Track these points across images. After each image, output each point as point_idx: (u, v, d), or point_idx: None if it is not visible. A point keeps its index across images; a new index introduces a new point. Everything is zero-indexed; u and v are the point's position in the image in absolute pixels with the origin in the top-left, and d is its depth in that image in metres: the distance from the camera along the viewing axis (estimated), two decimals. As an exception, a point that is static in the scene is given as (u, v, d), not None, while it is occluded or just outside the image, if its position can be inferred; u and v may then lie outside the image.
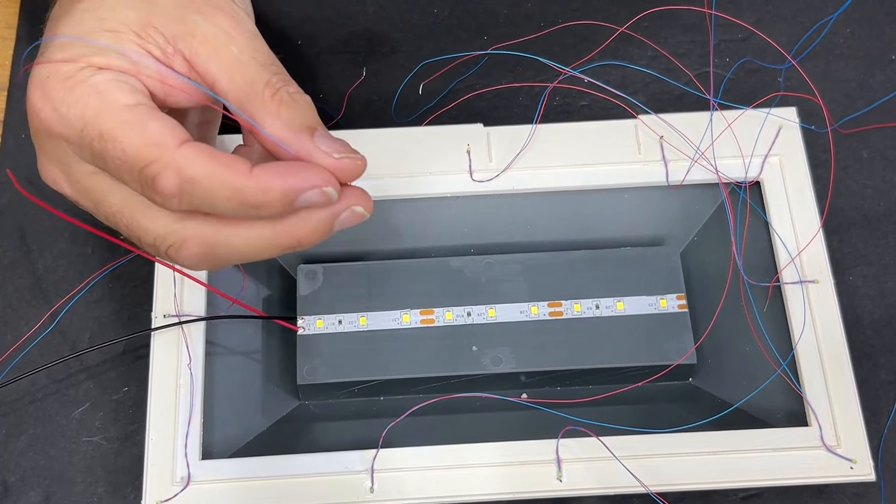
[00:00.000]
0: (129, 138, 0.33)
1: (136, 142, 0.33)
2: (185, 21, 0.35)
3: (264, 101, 0.35)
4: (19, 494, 0.45)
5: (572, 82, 0.50)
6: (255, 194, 0.33)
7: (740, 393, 0.44)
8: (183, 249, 0.34)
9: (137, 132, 0.33)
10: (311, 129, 0.35)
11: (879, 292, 0.49)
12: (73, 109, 0.34)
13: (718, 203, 0.47)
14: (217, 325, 0.44)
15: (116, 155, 0.33)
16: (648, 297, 0.46)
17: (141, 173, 0.33)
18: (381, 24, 0.55)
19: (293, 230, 0.35)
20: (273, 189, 0.33)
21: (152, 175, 0.33)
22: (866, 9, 0.56)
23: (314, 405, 0.46)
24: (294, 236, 0.35)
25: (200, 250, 0.34)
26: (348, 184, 0.36)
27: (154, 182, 0.33)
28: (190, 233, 0.34)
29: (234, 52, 0.35)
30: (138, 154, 0.33)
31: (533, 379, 0.45)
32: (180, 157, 0.33)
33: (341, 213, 0.35)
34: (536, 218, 0.48)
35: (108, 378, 0.47)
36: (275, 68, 0.36)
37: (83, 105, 0.34)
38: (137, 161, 0.33)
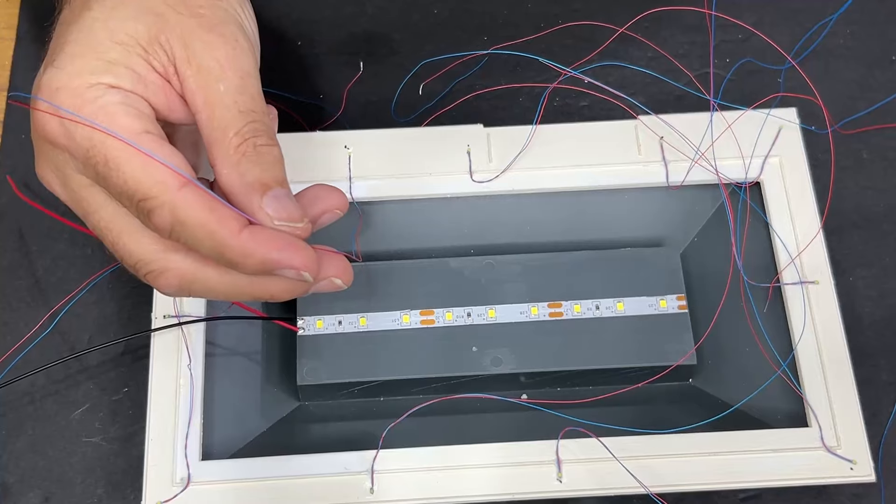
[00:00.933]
0: (133, 171, 0.34)
1: (140, 176, 0.34)
2: (188, 45, 0.36)
3: (228, 148, 0.35)
4: (19, 495, 0.45)
5: (572, 83, 0.50)
6: (236, 255, 0.34)
7: (740, 394, 0.44)
8: (161, 278, 0.36)
9: (142, 166, 0.34)
10: (264, 188, 0.35)
11: (879, 293, 0.49)
12: (82, 129, 0.34)
13: (718, 204, 0.47)
14: (217, 325, 0.44)
15: (118, 182, 0.34)
16: (648, 297, 0.46)
17: (138, 204, 0.34)
18: (380, 24, 0.55)
19: (268, 286, 0.36)
20: (254, 256, 0.34)
21: (148, 208, 0.34)
22: (866, 9, 0.56)
23: (314, 406, 0.46)
24: (267, 291, 0.37)
25: (178, 282, 0.36)
26: (334, 253, 0.38)
27: (149, 214, 0.34)
28: (171, 265, 0.36)
29: (220, 92, 0.36)
30: (139, 188, 0.34)
31: (533, 380, 0.45)
32: (179, 199, 0.34)
33: (319, 283, 0.37)
34: (536, 218, 0.48)
35: (108, 379, 0.47)
36: (254, 115, 0.36)
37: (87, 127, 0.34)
38: (137, 194, 0.34)
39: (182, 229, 0.34)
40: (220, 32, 0.37)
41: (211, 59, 0.36)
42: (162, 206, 0.34)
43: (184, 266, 0.36)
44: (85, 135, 0.34)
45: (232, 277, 0.36)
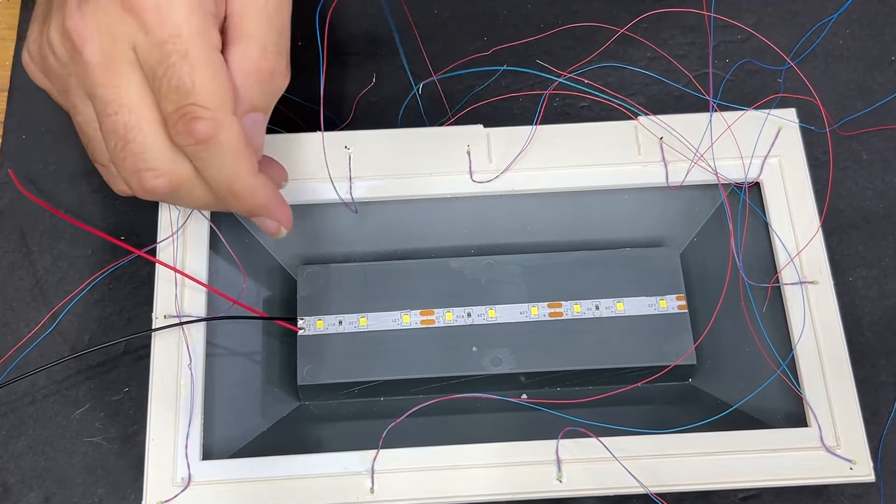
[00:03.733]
0: (204, 77, 0.35)
1: (208, 84, 0.35)
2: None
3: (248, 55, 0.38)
4: (19, 495, 0.45)
5: (572, 84, 0.50)
6: (244, 190, 0.37)
7: (740, 394, 0.44)
8: (158, 179, 0.37)
9: (213, 76, 0.35)
10: (253, 109, 0.38)
11: (879, 293, 0.49)
12: (176, 15, 0.35)
13: (718, 204, 0.47)
14: (217, 325, 0.45)
15: (182, 78, 0.35)
16: (648, 297, 0.46)
17: (186, 107, 0.35)
18: (380, 25, 0.55)
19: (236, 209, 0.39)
20: (257, 198, 0.38)
21: (195, 115, 0.35)
22: (866, 10, 0.56)
23: (314, 406, 0.46)
24: (235, 209, 0.39)
25: (169, 187, 0.37)
26: None
27: (191, 120, 0.35)
28: (175, 169, 0.37)
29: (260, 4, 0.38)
30: (201, 93, 0.35)
31: (533, 379, 0.45)
32: (228, 121, 0.36)
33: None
34: (536, 219, 0.48)
35: (109, 379, 0.47)
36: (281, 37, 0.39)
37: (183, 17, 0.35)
38: (193, 97, 0.35)
39: (213, 147, 0.36)
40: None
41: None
42: (212, 119, 0.35)
43: (182, 174, 0.37)
44: (178, 22, 0.35)
45: (213, 197, 0.38)
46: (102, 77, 0.36)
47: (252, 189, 0.38)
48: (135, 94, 0.36)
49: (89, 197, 0.50)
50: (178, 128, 0.35)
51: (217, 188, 0.37)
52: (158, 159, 0.36)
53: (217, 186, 0.37)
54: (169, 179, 0.37)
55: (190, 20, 0.35)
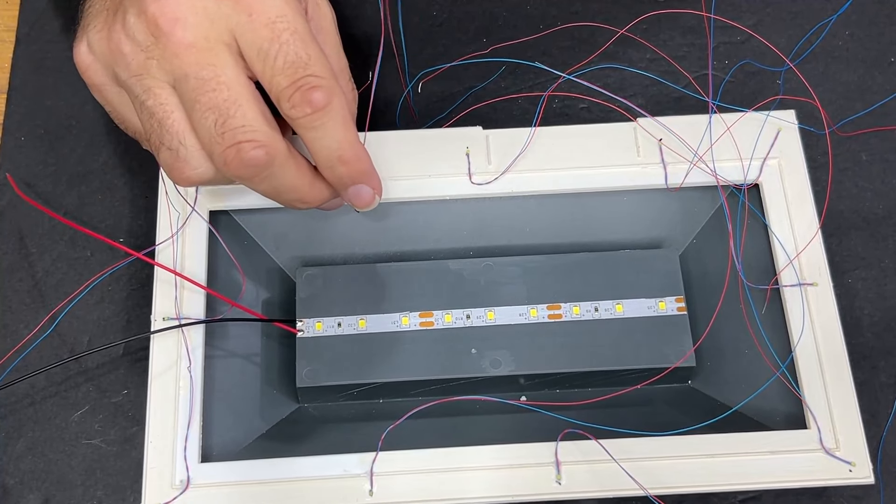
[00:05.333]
0: (316, 50, 0.38)
1: (319, 55, 0.38)
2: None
3: None
4: (18, 497, 0.45)
5: (571, 85, 0.50)
6: (353, 154, 0.39)
7: (739, 395, 0.44)
8: (258, 150, 0.37)
9: (321, 49, 0.38)
10: None
11: (878, 295, 0.49)
12: None
13: (717, 206, 0.47)
14: (216, 327, 0.45)
15: (298, 52, 0.37)
16: (647, 299, 0.46)
17: (303, 78, 0.37)
18: (378, 26, 0.55)
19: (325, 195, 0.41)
20: (363, 162, 0.40)
21: (312, 85, 0.37)
22: (865, 11, 0.56)
23: (313, 408, 0.46)
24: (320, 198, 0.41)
25: (267, 160, 0.38)
26: None
27: (309, 90, 0.37)
28: (273, 142, 0.38)
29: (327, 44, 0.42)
30: (316, 63, 0.37)
31: (532, 381, 0.45)
32: (340, 91, 0.38)
33: None
34: (535, 220, 0.48)
35: (108, 381, 0.47)
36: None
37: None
38: (310, 68, 0.37)
39: (329, 114, 0.37)
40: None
41: (330, 12, 0.43)
42: (328, 87, 0.37)
43: (279, 147, 0.38)
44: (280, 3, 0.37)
45: (302, 180, 0.40)
46: (198, 56, 0.37)
47: (360, 154, 0.40)
48: (231, 72, 0.37)
49: (88, 199, 0.50)
50: (296, 99, 0.37)
51: (326, 156, 0.39)
52: (259, 132, 0.37)
53: (327, 154, 0.39)
54: (267, 151, 0.37)
55: (290, 3, 0.38)
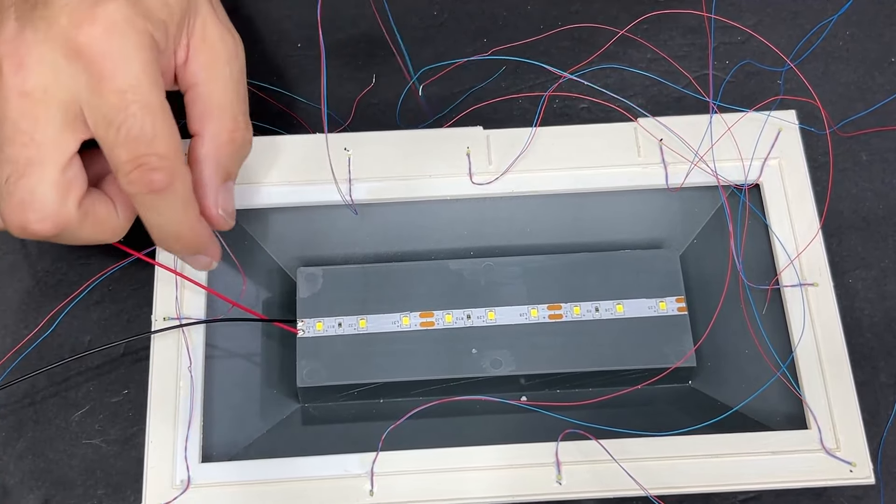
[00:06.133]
0: (165, 127, 0.36)
1: (168, 133, 0.36)
2: (206, 26, 0.40)
3: (222, 126, 0.39)
4: (19, 497, 0.45)
5: (571, 85, 0.50)
6: (190, 233, 0.38)
7: (739, 396, 0.44)
8: (42, 223, 0.36)
9: (171, 127, 0.36)
10: (228, 176, 0.41)
11: (879, 295, 0.49)
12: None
13: (718, 206, 0.47)
14: (217, 327, 0.45)
15: (144, 127, 0.35)
16: (648, 299, 0.46)
17: (144, 157, 0.35)
18: (379, 26, 0.55)
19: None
20: (201, 238, 0.39)
21: (153, 166, 0.35)
22: (866, 11, 0.56)
23: (314, 408, 0.46)
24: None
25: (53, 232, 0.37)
26: None
27: (149, 171, 0.35)
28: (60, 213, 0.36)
29: (226, 74, 0.40)
30: (162, 142, 0.36)
31: (532, 381, 0.45)
32: (185, 172, 0.37)
33: None
34: (536, 221, 0.48)
35: (108, 381, 0.47)
36: (247, 106, 0.41)
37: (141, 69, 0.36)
38: (154, 146, 0.35)
39: (167, 196, 0.36)
40: (228, 27, 0.41)
41: (221, 45, 0.39)
42: (170, 169, 0.36)
43: (67, 219, 0.36)
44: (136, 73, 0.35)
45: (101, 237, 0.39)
46: (25, 106, 0.35)
47: (197, 232, 0.39)
48: (51, 133, 0.35)
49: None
50: (134, 176, 0.35)
51: (161, 234, 0.38)
52: (48, 203, 0.36)
53: (163, 231, 0.38)
54: (54, 223, 0.36)
55: (147, 72, 0.36)
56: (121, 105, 0.35)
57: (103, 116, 0.35)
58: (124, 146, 0.35)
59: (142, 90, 0.35)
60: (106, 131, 0.35)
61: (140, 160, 0.35)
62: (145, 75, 0.36)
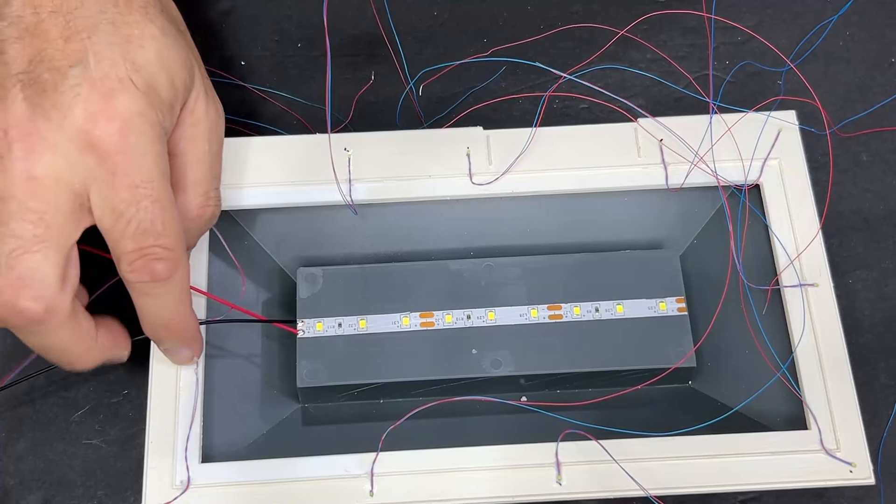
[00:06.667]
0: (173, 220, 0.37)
1: (175, 226, 0.37)
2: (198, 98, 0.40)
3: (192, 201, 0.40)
4: (19, 498, 0.45)
5: (571, 86, 0.50)
6: (181, 324, 0.39)
7: (739, 396, 0.44)
8: (35, 302, 0.35)
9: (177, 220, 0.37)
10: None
11: (879, 296, 0.49)
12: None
13: (718, 206, 0.47)
14: (217, 328, 0.45)
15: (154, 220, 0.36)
16: (648, 300, 0.46)
17: (150, 248, 0.36)
18: (379, 26, 0.55)
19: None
20: (188, 331, 0.40)
21: (158, 256, 0.36)
22: (866, 12, 0.56)
23: (314, 408, 0.46)
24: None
25: (41, 317, 0.36)
26: None
27: (153, 261, 0.36)
28: (54, 300, 0.36)
29: (205, 149, 0.41)
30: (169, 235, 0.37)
31: (532, 382, 0.45)
32: (186, 263, 0.38)
33: None
34: (536, 221, 0.48)
35: (108, 381, 0.47)
36: (217, 183, 0.42)
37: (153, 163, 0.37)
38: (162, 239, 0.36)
39: (167, 286, 0.37)
40: (214, 98, 0.41)
41: (206, 120, 0.40)
42: (174, 260, 0.37)
43: (61, 309, 0.36)
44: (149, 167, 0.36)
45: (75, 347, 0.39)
46: (35, 189, 0.35)
47: (187, 323, 0.40)
48: (61, 218, 0.35)
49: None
50: (138, 265, 0.36)
51: (153, 322, 0.39)
52: (48, 284, 0.35)
53: (154, 321, 0.39)
54: (46, 307, 0.35)
55: (158, 165, 0.36)
56: (132, 199, 0.35)
57: (113, 209, 0.35)
58: (132, 237, 0.36)
59: (154, 185, 0.36)
60: (115, 223, 0.36)
61: (146, 251, 0.36)
62: (157, 169, 0.36)
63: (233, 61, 0.54)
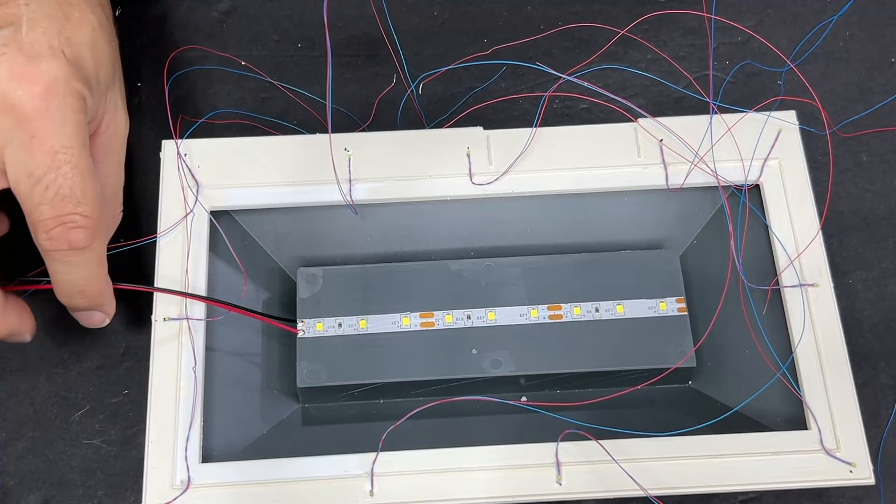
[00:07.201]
0: (93, 189, 0.36)
1: (94, 195, 0.36)
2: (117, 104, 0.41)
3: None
4: (19, 498, 0.45)
5: (572, 86, 0.50)
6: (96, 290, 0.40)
7: (740, 396, 0.44)
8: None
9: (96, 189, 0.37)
10: None
11: (879, 296, 0.49)
12: None
13: (718, 206, 0.47)
14: (217, 328, 0.44)
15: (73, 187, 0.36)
16: (648, 300, 0.46)
17: (68, 215, 0.36)
18: (379, 27, 0.55)
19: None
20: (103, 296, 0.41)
21: (77, 224, 0.36)
22: (866, 12, 0.56)
23: (314, 408, 0.46)
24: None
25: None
26: None
27: (72, 229, 0.36)
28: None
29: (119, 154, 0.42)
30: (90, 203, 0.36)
31: (532, 382, 0.45)
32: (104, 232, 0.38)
33: None
34: (536, 221, 0.48)
35: (108, 381, 0.47)
36: None
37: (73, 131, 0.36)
38: (81, 206, 0.36)
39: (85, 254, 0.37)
40: (126, 112, 0.42)
41: (123, 128, 0.41)
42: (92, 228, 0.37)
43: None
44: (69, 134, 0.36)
45: None
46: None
47: (102, 288, 0.40)
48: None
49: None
50: (55, 233, 0.36)
51: (67, 288, 0.39)
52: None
53: (68, 287, 0.38)
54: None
55: (79, 134, 0.36)
56: (51, 165, 0.35)
57: (30, 174, 0.35)
58: (51, 204, 0.35)
59: (73, 151, 0.35)
60: (32, 189, 0.35)
61: (64, 219, 0.36)
62: (77, 137, 0.36)
63: (233, 61, 0.54)
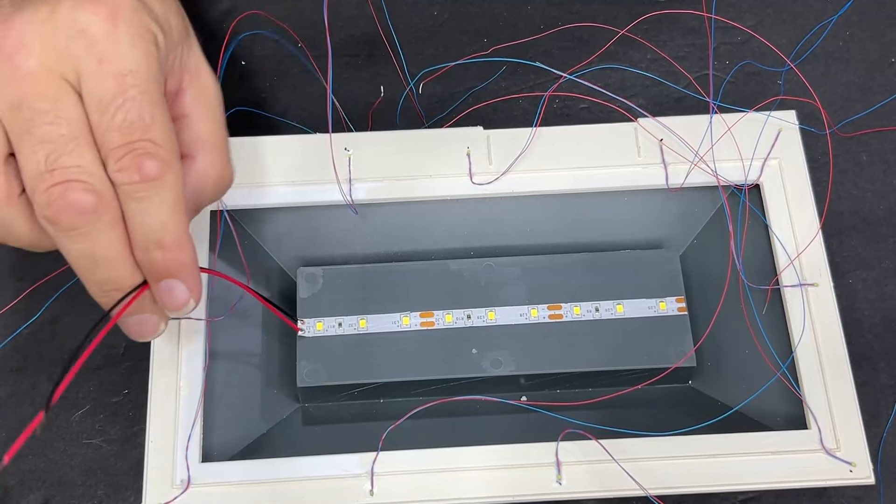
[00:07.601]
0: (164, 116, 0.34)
1: (166, 122, 0.34)
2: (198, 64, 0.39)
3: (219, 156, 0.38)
4: (19, 498, 0.45)
5: (572, 85, 0.50)
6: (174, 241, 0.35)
7: (740, 396, 0.44)
8: (87, 194, 0.33)
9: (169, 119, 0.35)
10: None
11: (879, 295, 0.49)
12: None
13: (718, 206, 0.47)
14: (218, 328, 0.44)
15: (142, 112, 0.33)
16: (648, 299, 0.46)
17: (138, 142, 0.33)
18: (379, 26, 0.55)
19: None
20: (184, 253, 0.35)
21: (147, 151, 0.33)
22: (866, 12, 0.56)
23: (314, 408, 0.46)
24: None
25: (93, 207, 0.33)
26: None
27: (142, 156, 0.33)
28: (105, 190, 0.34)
29: (217, 109, 0.39)
30: (160, 130, 0.34)
31: (532, 382, 0.45)
32: (179, 167, 0.35)
33: None
34: (536, 221, 0.48)
35: (108, 381, 0.47)
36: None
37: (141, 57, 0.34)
38: (150, 133, 0.33)
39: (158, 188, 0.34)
40: (216, 78, 0.39)
41: (214, 88, 0.39)
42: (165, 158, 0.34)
43: (111, 201, 0.34)
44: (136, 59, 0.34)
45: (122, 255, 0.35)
46: (38, 86, 0.33)
47: (183, 242, 0.35)
48: (73, 110, 0.33)
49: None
50: (125, 162, 0.33)
51: (143, 236, 0.34)
52: (94, 176, 0.33)
53: (144, 233, 0.34)
54: (98, 199, 0.33)
55: (149, 62, 0.34)
56: (119, 89, 0.33)
57: (100, 100, 0.33)
58: (119, 130, 0.33)
59: (142, 76, 0.34)
60: (101, 116, 0.33)
61: (134, 145, 0.33)
62: (147, 64, 0.34)
63: (233, 61, 0.54)
